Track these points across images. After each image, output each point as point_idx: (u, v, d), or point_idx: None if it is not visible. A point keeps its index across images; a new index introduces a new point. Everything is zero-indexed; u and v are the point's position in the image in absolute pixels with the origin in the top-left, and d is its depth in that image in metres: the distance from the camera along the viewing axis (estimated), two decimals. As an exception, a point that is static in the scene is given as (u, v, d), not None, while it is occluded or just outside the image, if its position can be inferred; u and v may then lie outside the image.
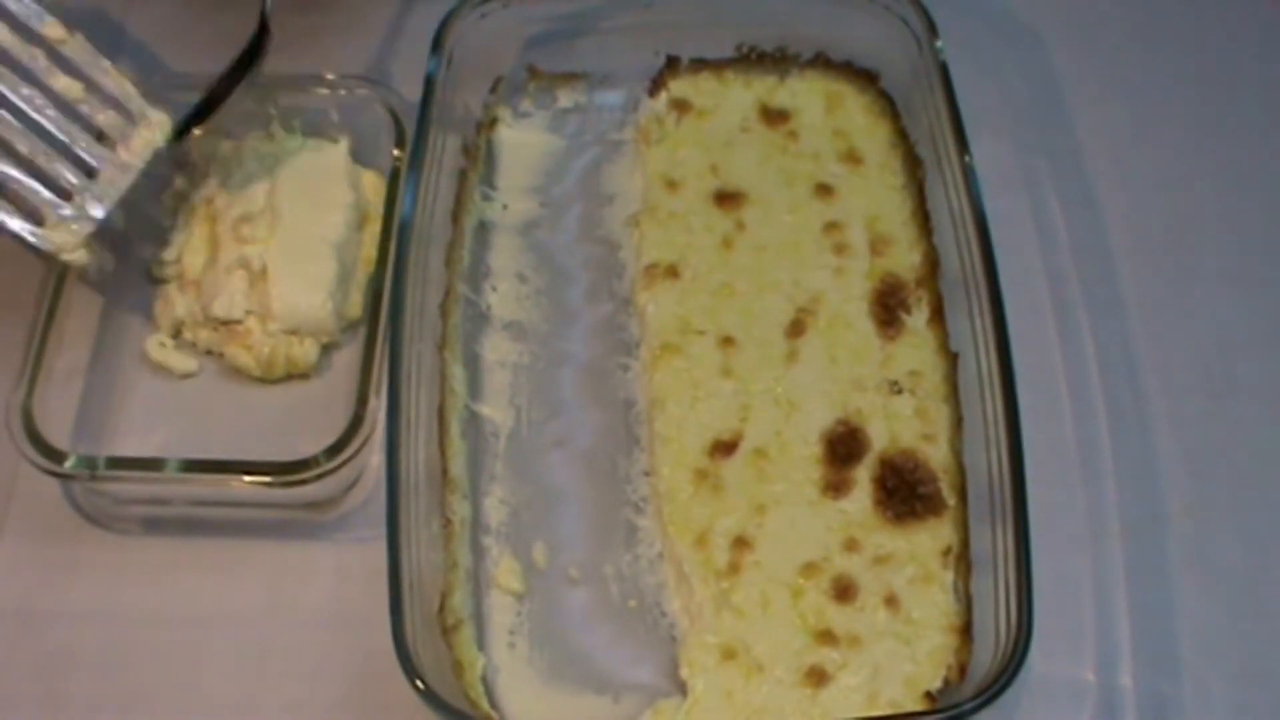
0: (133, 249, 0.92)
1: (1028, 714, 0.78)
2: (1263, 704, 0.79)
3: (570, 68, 0.99)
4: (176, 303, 0.90)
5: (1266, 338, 0.90)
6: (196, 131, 0.87)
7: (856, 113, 0.96)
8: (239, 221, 0.90)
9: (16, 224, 0.82)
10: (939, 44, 0.90)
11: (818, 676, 0.76)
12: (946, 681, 0.76)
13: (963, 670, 0.76)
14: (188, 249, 0.92)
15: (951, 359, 0.85)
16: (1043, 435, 0.81)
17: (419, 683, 0.71)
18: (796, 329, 0.87)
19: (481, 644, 0.80)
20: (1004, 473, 0.77)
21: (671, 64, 0.98)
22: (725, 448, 0.83)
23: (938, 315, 0.87)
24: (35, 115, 0.83)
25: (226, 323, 0.88)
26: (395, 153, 0.92)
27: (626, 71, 0.98)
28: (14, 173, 0.82)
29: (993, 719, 0.71)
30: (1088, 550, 0.83)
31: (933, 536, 0.80)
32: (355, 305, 0.90)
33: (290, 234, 0.89)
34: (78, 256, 0.84)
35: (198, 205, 0.93)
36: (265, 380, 0.89)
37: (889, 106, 0.95)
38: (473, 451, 0.86)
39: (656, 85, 0.98)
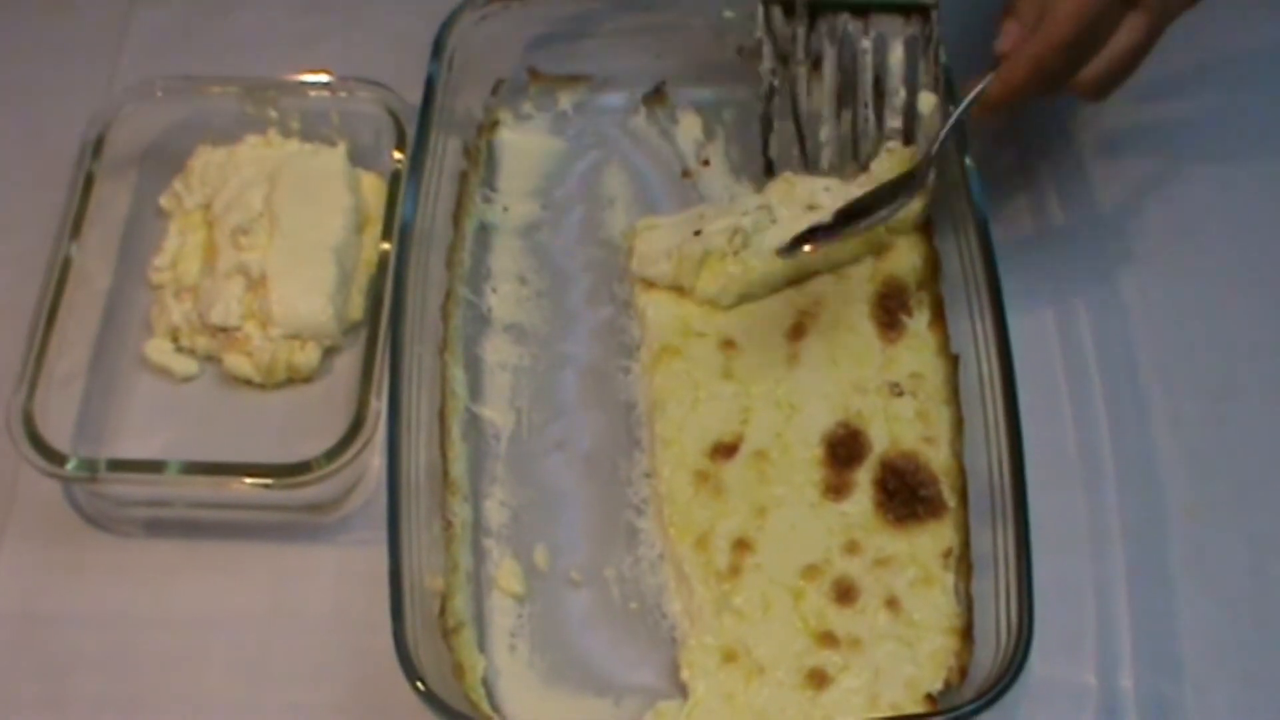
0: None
1: (1028, 716, 0.78)
2: (1264, 706, 0.79)
3: (571, 70, 0.99)
4: (172, 309, 0.90)
5: (1267, 339, 0.90)
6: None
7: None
8: (237, 229, 0.90)
9: None
10: (939, 45, 0.90)
11: (818, 679, 0.76)
12: (947, 683, 0.76)
13: (963, 672, 0.76)
14: (182, 255, 0.92)
15: (952, 361, 0.85)
16: (1043, 437, 0.81)
17: (420, 685, 0.71)
18: (797, 331, 0.87)
19: (482, 646, 0.80)
20: (1005, 475, 0.77)
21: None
22: (726, 450, 0.83)
23: (938, 317, 0.87)
24: None
25: (224, 329, 0.88)
26: (396, 155, 0.92)
27: (628, 74, 0.98)
28: None
29: (993, 721, 0.71)
30: (1088, 552, 0.82)
31: (933, 538, 0.80)
32: (356, 308, 0.90)
33: (289, 239, 0.89)
34: None
35: (193, 211, 0.93)
36: (266, 384, 0.89)
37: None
38: (473, 454, 0.86)
39: (655, 96, 0.98)
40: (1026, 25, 0.79)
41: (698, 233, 0.88)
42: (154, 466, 0.82)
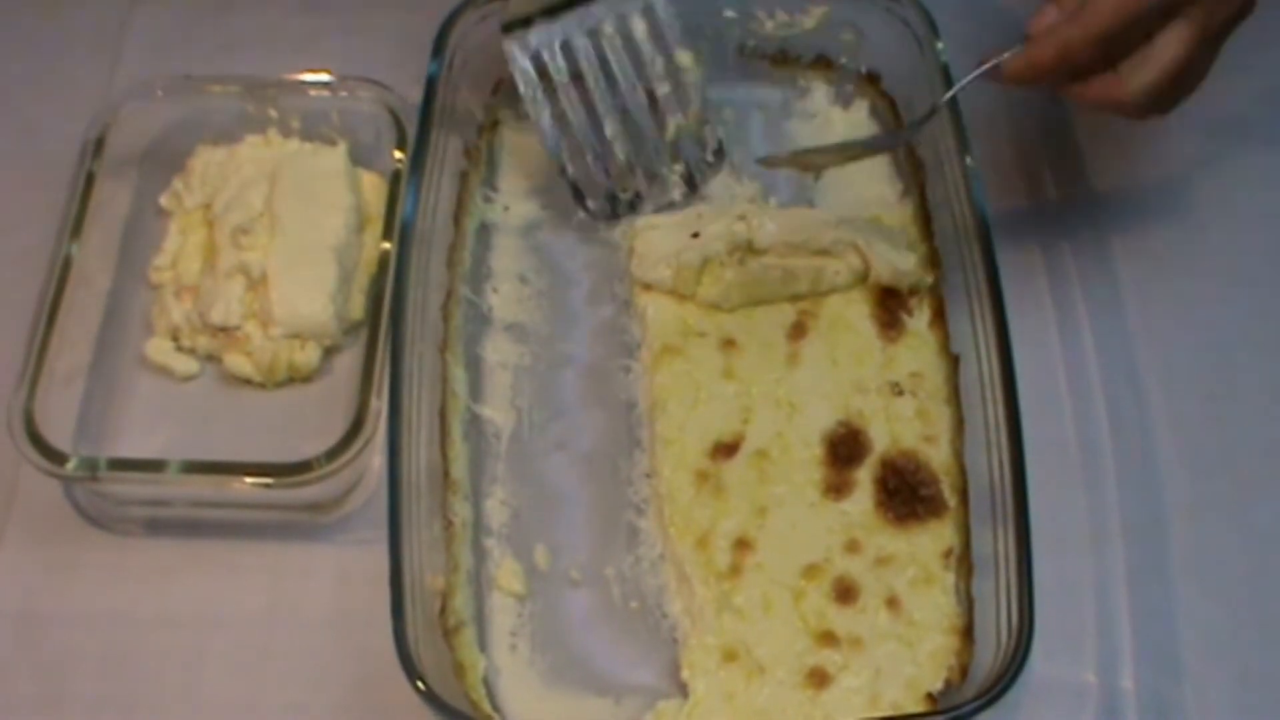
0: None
1: (1029, 716, 0.78)
2: (1264, 705, 0.79)
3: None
4: (172, 309, 0.90)
5: (1267, 339, 0.90)
6: None
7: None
8: (238, 228, 0.90)
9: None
10: (940, 45, 0.90)
11: (819, 678, 0.76)
12: (948, 683, 0.76)
13: (964, 672, 0.76)
14: (182, 254, 0.92)
15: (953, 360, 0.85)
16: (1044, 437, 0.81)
17: (420, 684, 0.71)
18: (798, 331, 0.87)
19: (483, 646, 0.80)
20: (1005, 474, 0.77)
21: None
22: (727, 449, 0.83)
23: (939, 317, 0.87)
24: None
25: (225, 329, 0.88)
26: (396, 154, 0.92)
27: (628, 73, 0.98)
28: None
29: (994, 720, 0.71)
30: (1089, 552, 0.83)
31: (934, 538, 0.80)
32: (356, 308, 0.90)
33: (290, 238, 0.89)
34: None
35: (193, 210, 0.93)
36: (266, 384, 0.89)
37: (890, 108, 0.96)
38: (474, 453, 0.86)
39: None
40: (1065, 11, 0.77)
41: (695, 235, 0.88)
42: (154, 466, 0.82)
